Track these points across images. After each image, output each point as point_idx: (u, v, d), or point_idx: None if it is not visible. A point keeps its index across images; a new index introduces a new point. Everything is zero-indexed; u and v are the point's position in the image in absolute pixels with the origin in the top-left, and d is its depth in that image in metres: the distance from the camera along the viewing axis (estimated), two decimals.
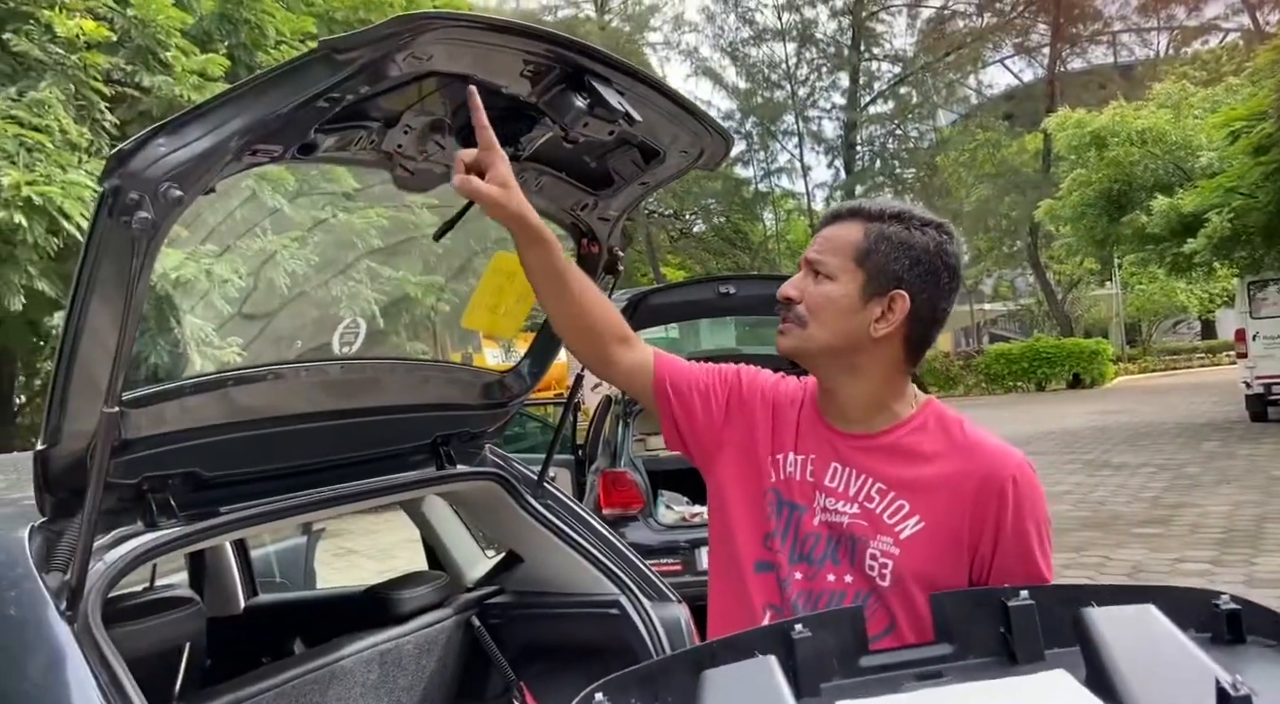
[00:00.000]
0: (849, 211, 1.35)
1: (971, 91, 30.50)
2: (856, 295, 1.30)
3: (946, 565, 1.27)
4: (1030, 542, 1.28)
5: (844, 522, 1.30)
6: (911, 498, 1.29)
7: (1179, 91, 16.54)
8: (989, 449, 1.31)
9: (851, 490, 1.32)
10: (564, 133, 1.67)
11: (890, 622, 1.26)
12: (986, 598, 1.06)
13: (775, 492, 1.37)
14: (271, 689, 1.81)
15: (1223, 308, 27.80)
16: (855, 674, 1.02)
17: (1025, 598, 1.02)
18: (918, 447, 1.31)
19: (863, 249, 1.31)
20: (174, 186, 1.22)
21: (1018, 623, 1.02)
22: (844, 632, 1.04)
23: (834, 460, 1.34)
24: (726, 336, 7.35)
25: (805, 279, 1.34)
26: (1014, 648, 1.02)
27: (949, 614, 1.07)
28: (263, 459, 1.72)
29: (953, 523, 1.27)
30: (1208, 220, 12.63)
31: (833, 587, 1.30)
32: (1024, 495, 1.28)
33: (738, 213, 31.34)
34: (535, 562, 2.33)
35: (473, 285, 2.13)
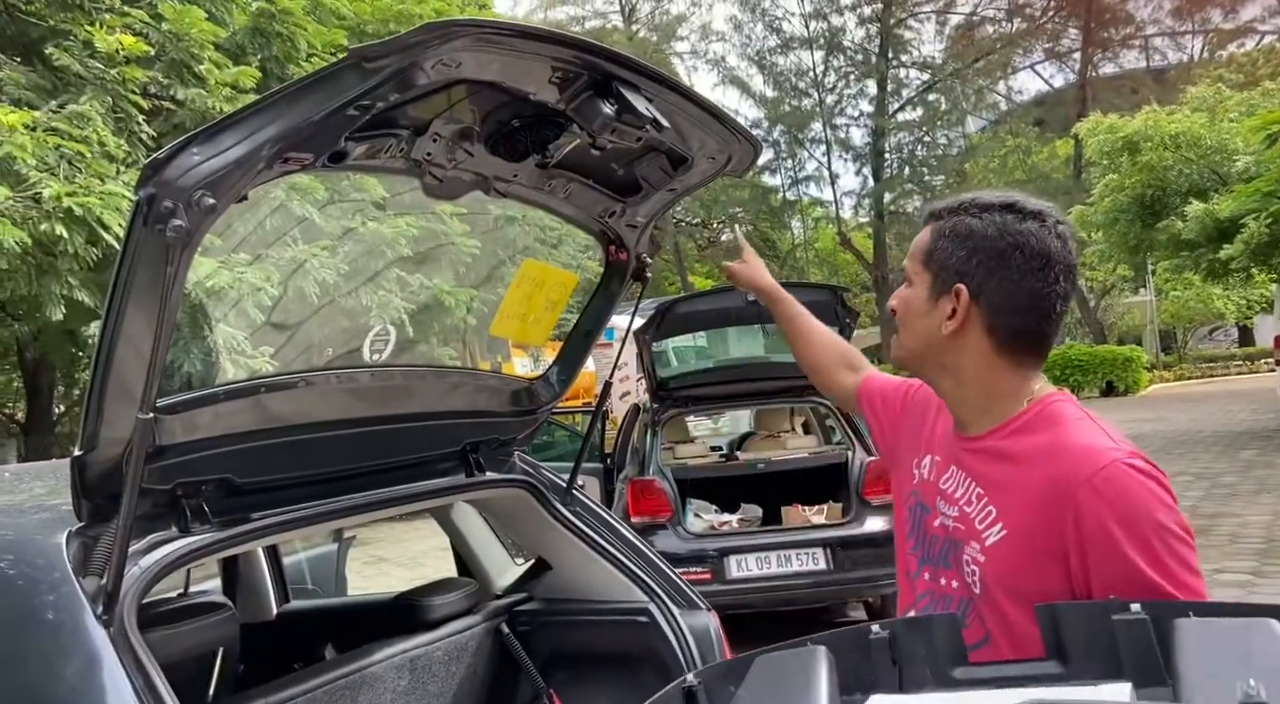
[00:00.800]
0: (928, 215, 1.36)
1: (1001, 98, 30.21)
2: (925, 296, 1.30)
3: (1032, 577, 1.17)
4: (1127, 553, 1.12)
5: (950, 525, 1.29)
6: (998, 503, 1.23)
7: (1214, 95, 16.27)
8: (1073, 450, 1.19)
9: (959, 493, 1.29)
10: (592, 139, 1.68)
11: (986, 633, 1.20)
12: (1093, 612, 0.95)
13: (915, 493, 1.40)
14: (303, 694, 1.82)
15: (1261, 314, 27.23)
16: (947, 685, 0.94)
17: (1137, 612, 0.91)
18: (1012, 448, 1.24)
19: (928, 249, 1.31)
20: (207, 194, 1.24)
21: (1126, 640, 0.90)
22: (935, 639, 0.96)
23: (952, 463, 1.33)
24: (755, 345, 7.32)
25: (902, 288, 1.37)
26: (1125, 669, 0.89)
27: (1058, 627, 0.96)
28: (294, 465, 1.73)
29: (1032, 531, 1.18)
30: (1245, 225, 12.37)
31: (944, 590, 1.29)
32: (1107, 502, 1.13)
33: (765, 221, 31.24)
34: (564, 569, 2.33)
35: (501, 295, 2.14)
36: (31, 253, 6.33)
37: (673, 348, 7.18)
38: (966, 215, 1.27)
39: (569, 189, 1.94)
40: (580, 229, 2.14)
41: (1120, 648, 0.90)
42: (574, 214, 2.04)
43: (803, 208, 31.31)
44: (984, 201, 1.28)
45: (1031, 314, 1.25)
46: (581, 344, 2.30)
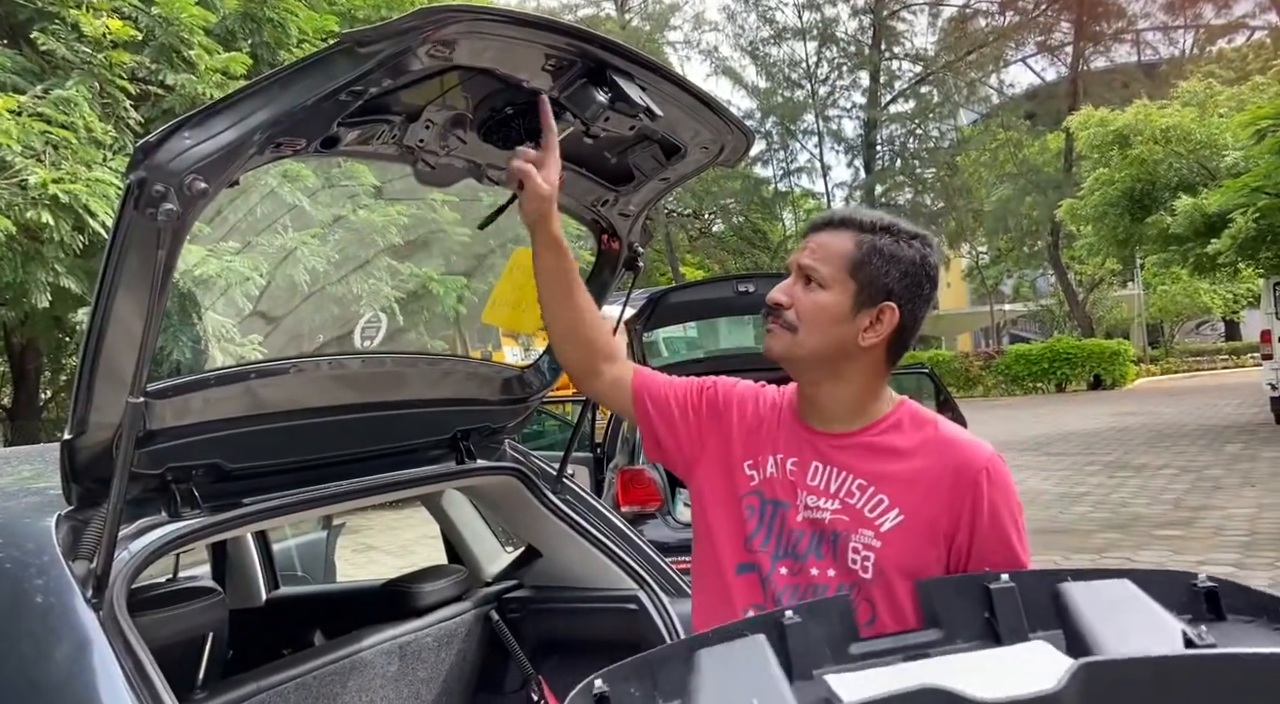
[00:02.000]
0: (841, 220, 1.39)
1: (993, 91, 30.25)
2: (848, 305, 1.35)
3: (925, 556, 1.31)
4: (1007, 529, 1.33)
5: (826, 518, 1.35)
6: (890, 492, 1.34)
7: (1204, 90, 16.34)
8: (962, 444, 1.36)
9: (833, 487, 1.37)
10: (585, 128, 1.67)
11: (872, 614, 1.30)
12: (969, 583, 1.10)
13: (758, 493, 1.42)
14: (293, 680, 1.83)
15: (1247, 308, 27.44)
16: (846, 661, 1.04)
17: (1006, 581, 1.06)
18: (894, 443, 1.37)
19: (855, 260, 1.35)
20: (199, 179, 1.23)
21: (1000, 605, 1.06)
22: (833, 621, 1.08)
23: (815, 460, 1.39)
24: (745, 336, 7.33)
25: (795, 285, 1.38)
26: (999, 630, 1.05)
27: (935, 601, 1.10)
28: (285, 452, 1.73)
29: (930, 515, 1.32)
30: (1232, 220, 12.46)
31: (817, 580, 1.34)
32: (997, 486, 1.33)
33: (757, 212, 31.26)
34: (554, 556, 2.34)
35: (492, 283, 2.14)
36: (17, 240, 6.27)
37: (663, 338, 7.19)
38: (893, 238, 1.36)
39: (561, 177, 1.93)
40: (573, 218, 2.14)
41: (996, 611, 1.06)
42: (566, 202, 2.04)
43: (794, 199, 31.34)
44: (907, 229, 1.38)
45: (914, 334, 1.41)
46: None
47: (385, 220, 7.40)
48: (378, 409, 1.93)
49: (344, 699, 1.96)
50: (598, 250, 2.21)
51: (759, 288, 5.76)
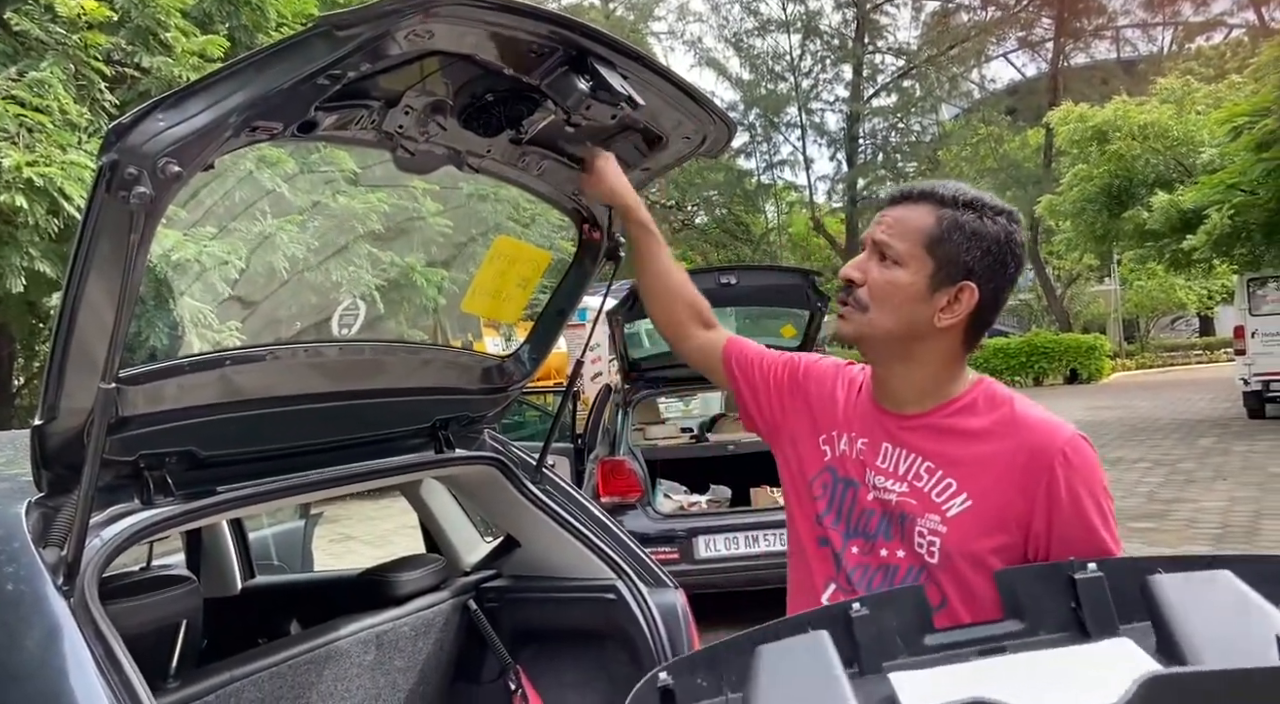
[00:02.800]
0: (920, 193, 1.31)
1: (975, 86, 30.40)
2: (924, 284, 1.28)
3: (995, 543, 1.25)
4: (1090, 516, 1.24)
5: (893, 499, 1.31)
6: (958, 476, 1.28)
7: (1182, 87, 16.50)
8: (1038, 424, 1.28)
9: (901, 469, 1.32)
10: (566, 116, 1.67)
11: (942, 598, 1.25)
12: (1053, 572, 1.02)
13: (830, 469, 1.40)
14: (267, 669, 1.82)
15: (1221, 305, 27.81)
16: (920, 653, 0.99)
17: (1094, 571, 0.98)
18: (966, 425, 1.30)
19: (935, 236, 1.27)
20: (173, 162, 1.21)
21: (1086, 596, 0.98)
22: (906, 611, 1.02)
23: (885, 441, 1.35)
24: (728, 326, 7.34)
25: (869, 261, 1.32)
26: (1085, 623, 0.98)
27: (1017, 590, 1.03)
28: (260, 439, 1.72)
29: (1001, 500, 1.25)
30: (1208, 217, 12.61)
31: (886, 561, 1.31)
32: (1076, 470, 1.24)
33: (739, 204, 31.27)
34: (533, 546, 2.33)
35: (473, 273, 2.13)
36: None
37: (645, 329, 7.19)
38: (975, 213, 1.27)
39: (543, 166, 1.93)
40: (554, 207, 2.14)
41: (1082, 603, 0.97)
42: (548, 191, 2.03)
43: (777, 192, 31.38)
44: (991, 204, 1.29)
45: (995, 314, 1.34)
46: (553, 323, 2.29)
47: (366, 207, 7.34)
48: (355, 397, 1.91)
49: (320, 688, 1.95)
50: (579, 240, 2.20)
51: (740, 280, 5.77)
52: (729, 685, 0.96)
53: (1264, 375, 13.31)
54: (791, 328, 6.16)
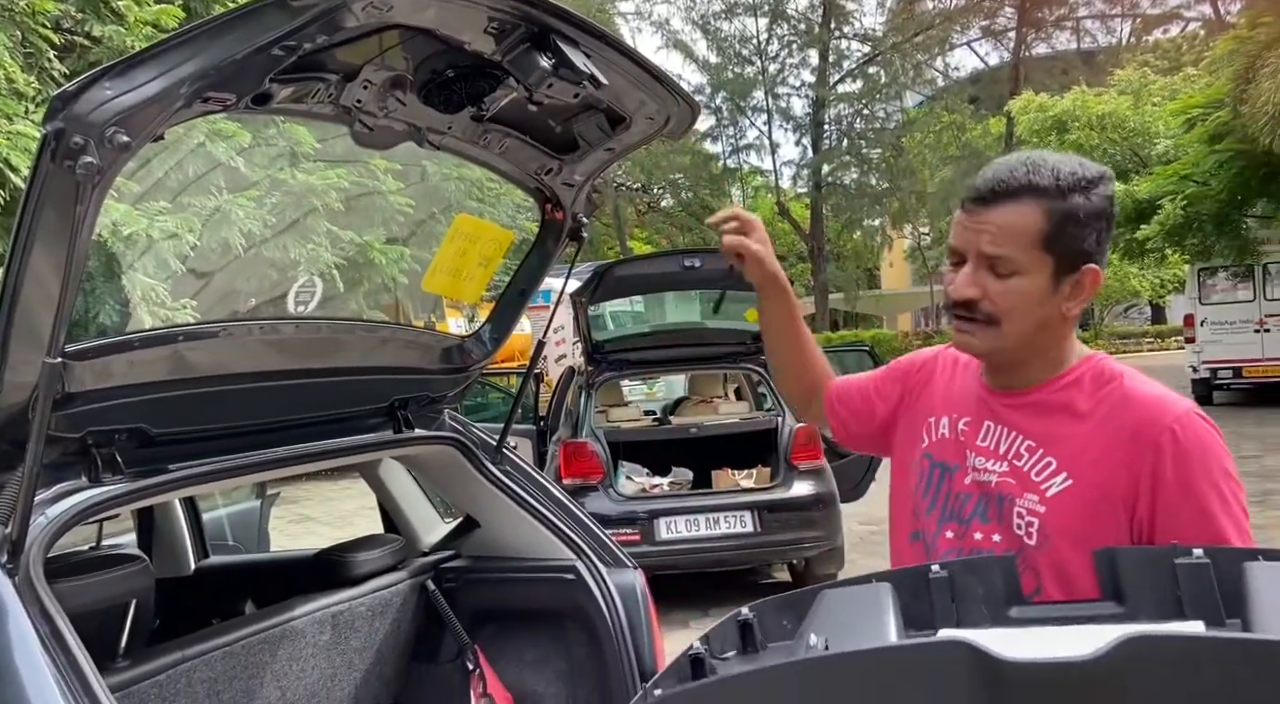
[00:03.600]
0: (1021, 188, 1.19)
1: (939, 73, 30.62)
2: (1047, 283, 1.21)
3: (1098, 525, 1.19)
4: (1204, 500, 1.16)
5: (993, 480, 1.27)
6: (1059, 455, 1.23)
7: (1139, 79, 16.80)
8: (1146, 400, 1.22)
9: (1002, 449, 1.28)
10: (528, 93, 1.65)
11: (1037, 584, 1.20)
12: (1157, 555, 0.94)
13: (928, 455, 1.37)
14: (220, 648, 1.80)
15: (1173, 294, 28.48)
16: (1004, 624, 0.93)
17: (1199, 556, 0.90)
18: (1071, 402, 1.25)
19: (1048, 234, 1.18)
20: (121, 132, 1.19)
21: (1187, 583, 0.90)
22: (993, 580, 0.96)
23: (987, 419, 1.31)
24: (691, 311, 7.37)
25: (979, 273, 1.22)
26: (1185, 610, 0.90)
27: (1116, 571, 0.96)
28: (213, 417, 1.69)
29: (1103, 480, 1.19)
30: (1161, 207, 12.89)
31: (980, 544, 1.27)
32: (1188, 449, 1.17)
33: (705, 188, 31.25)
34: (492, 527, 2.33)
35: (435, 253, 2.11)
36: None
37: (609, 311, 7.19)
38: (1083, 194, 1.20)
39: (505, 144, 1.91)
40: (516, 186, 2.12)
41: (1182, 590, 0.90)
42: (509, 170, 2.02)
43: (743, 176, 31.41)
44: (1089, 175, 1.21)
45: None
46: (515, 303, 2.28)
47: (325, 184, 7.22)
48: (312, 376, 1.89)
49: (274, 668, 1.94)
50: (541, 220, 2.19)
51: (705, 263, 5.77)
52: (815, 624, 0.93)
53: (1212, 363, 13.68)
54: (755, 312, 6.17)
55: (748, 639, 0.93)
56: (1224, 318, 13.55)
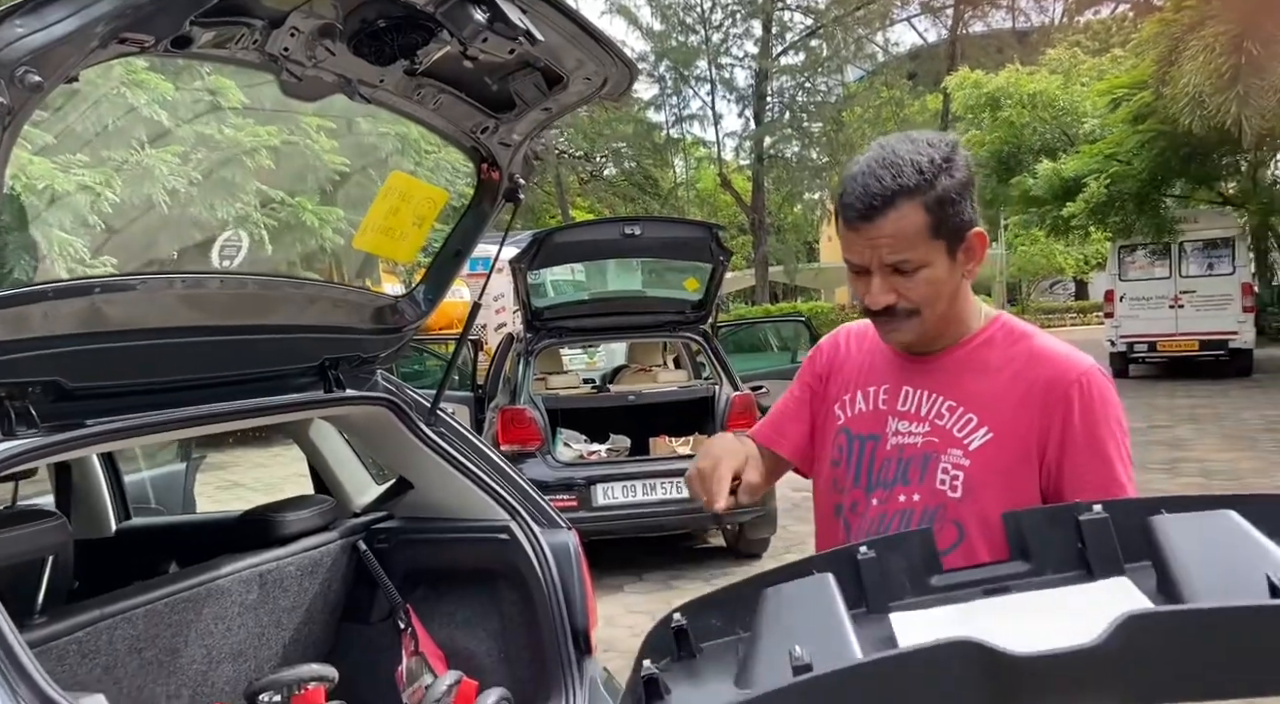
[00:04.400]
0: (895, 194, 1.23)
1: (879, 48, 30.87)
2: (947, 263, 1.28)
3: (1016, 473, 1.27)
4: (1106, 448, 1.27)
5: (917, 442, 1.33)
6: (979, 410, 1.30)
7: (1070, 59, 17.21)
8: (1055, 357, 1.31)
9: (923, 411, 1.34)
10: (462, 47, 1.63)
11: (959, 535, 1.27)
12: (1060, 513, 1.02)
13: (844, 431, 1.41)
14: (142, 606, 1.77)
15: (1096, 270, 29.50)
16: (926, 592, 1.00)
17: (1099, 512, 0.98)
18: (984, 361, 1.33)
19: (934, 224, 1.25)
20: (32, 71, 1.14)
21: (1091, 537, 0.97)
22: (913, 553, 1.02)
23: (905, 385, 1.36)
24: (633, 279, 7.37)
25: (890, 279, 1.28)
26: (1090, 562, 0.97)
27: (1023, 531, 1.03)
28: (133, 372, 1.65)
29: (1020, 431, 1.28)
30: (1086, 185, 13.31)
31: (902, 507, 1.32)
32: (1093, 400, 1.27)
33: (648, 158, 31.12)
34: (426, 488, 2.33)
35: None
36: None
37: (550, 280, 7.14)
38: (950, 171, 1.25)
39: (439, 100, 1.88)
40: (451, 144, 2.09)
41: (1087, 544, 0.98)
42: (444, 127, 1.99)
43: (685, 147, 31.35)
44: (940, 155, 1.26)
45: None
46: (451, 264, 2.26)
47: (254, 141, 6.98)
48: (237, 332, 1.86)
49: (199, 626, 1.91)
50: (477, 180, 2.17)
51: (645, 231, 5.78)
52: (741, 626, 0.98)
53: (1129, 337, 14.24)
54: (695, 281, 6.23)
55: (683, 644, 0.97)
56: (1141, 294, 14.07)
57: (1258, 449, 8.62)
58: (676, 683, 0.92)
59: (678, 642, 0.97)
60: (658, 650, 0.97)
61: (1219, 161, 13.97)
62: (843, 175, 1.32)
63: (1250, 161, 14.90)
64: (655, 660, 0.94)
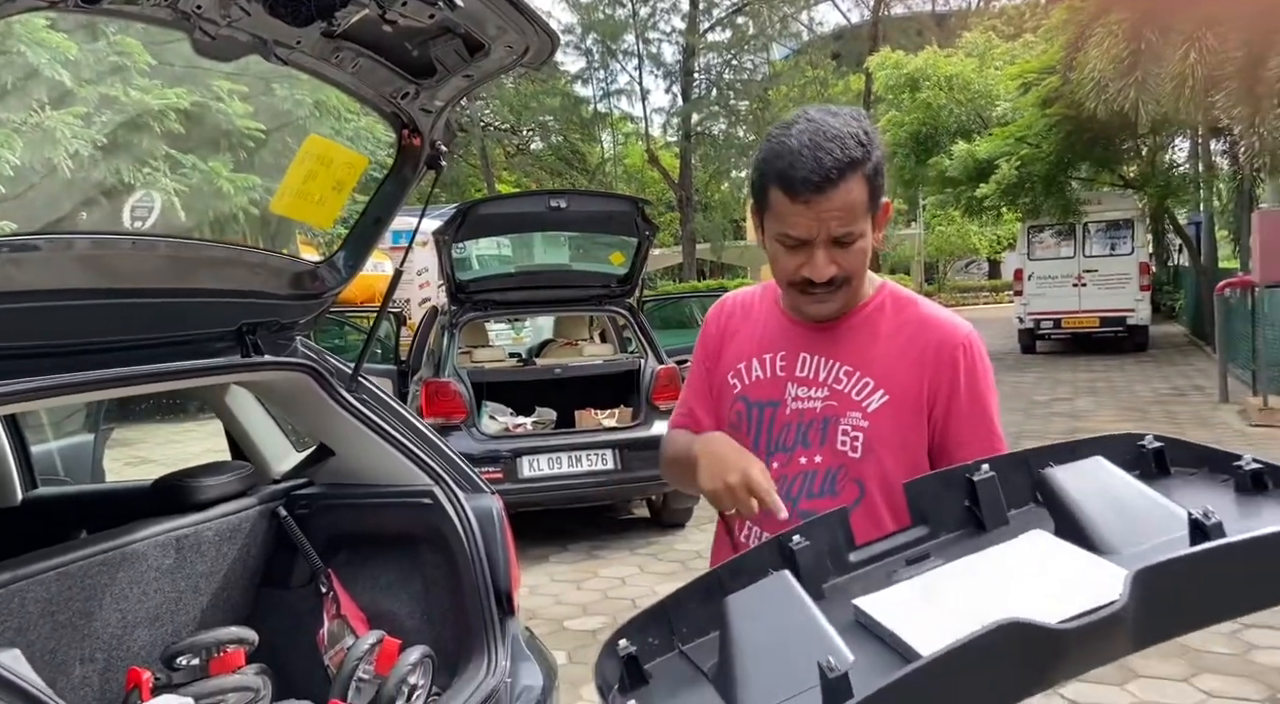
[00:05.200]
0: (845, 167, 1.27)
1: (804, 27, 31.22)
2: (870, 233, 1.34)
3: (909, 431, 1.37)
4: (985, 402, 1.40)
5: (816, 407, 1.40)
6: (876, 374, 1.38)
7: (984, 42, 17.70)
8: (941, 323, 1.41)
9: (821, 376, 1.40)
10: (381, 11, 1.63)
11: (860, 492, 1.36)
12: (953, 477, 1.13)
13: (742, 399, 1.46)
14: (54, 569, 1.74)
15: (1007, 250, 30.60)
16: (848, 570, 1.09)
17: (987, 471, 1.10)
18: (876, 327, 1.41)
19: (870, 196, 1.30)
20: None
21: (984, 495, 1.10)
22: (834, 534, 1.11)
23: (803, 352, 1.42)
24: (560, 254, 7.36)
25: (832, 252, 1.32)
26: (981, 517, 1.10)
27: (922, 499, 1.13)
28: (39, 334, 1.62)
29: (912, 390, 1.37)
30: (998, 167, 13.78)
31: (803, 468, 1.39)
32: (975, 362, 1.39)
33: (575, 132, 30.90)
34: (347, 454, 2.33)
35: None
36: None
37: (475, 254, 7.08)
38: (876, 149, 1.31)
39: (358, 64, 1.88)
40: (370, 107, 2.08)
41: (980, 502, 1.09)
42: (364, 91, 1.98)
43: (613, 122, 31.21)
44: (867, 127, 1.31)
45: None
46: (371, 230, 2.26)
47: (163, 103, 6.71)
48: (149, 295, 1.83)
49: (113, 591, 1.89)
50: (398, 146, 2.16)
51: (571, 204, 5.78)
52: (680, 638, 1.03)
53: (1036, 314, 14.89)
54: (620, 255, 6.27)
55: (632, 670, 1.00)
56: (1048, 273, 14.72)
57: (1148, 419, 9.16)
58: None
59: (628, 668, 1.00)
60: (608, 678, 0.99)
61: (1120, 146, 14.61)
62: (768, 151, 1.32)
63: (1150, 146, 15.64)
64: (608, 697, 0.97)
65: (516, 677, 2.10)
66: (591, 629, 4.47)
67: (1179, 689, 3.50)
